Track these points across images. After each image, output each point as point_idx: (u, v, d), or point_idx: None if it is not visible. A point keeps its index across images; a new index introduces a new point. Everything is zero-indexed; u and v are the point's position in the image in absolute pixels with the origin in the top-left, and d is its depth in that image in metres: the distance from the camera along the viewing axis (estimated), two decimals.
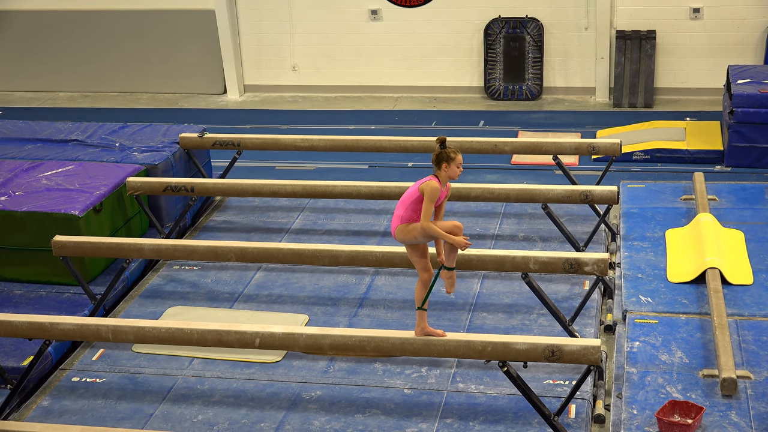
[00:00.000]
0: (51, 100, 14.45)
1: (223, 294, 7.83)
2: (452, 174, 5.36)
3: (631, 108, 12.85)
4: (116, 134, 9.57)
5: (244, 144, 9.39)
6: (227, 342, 6.00)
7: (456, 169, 5.36)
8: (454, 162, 5.35)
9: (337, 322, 7.28)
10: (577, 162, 10.78)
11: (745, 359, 6.17)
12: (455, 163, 5.35)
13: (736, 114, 10.30)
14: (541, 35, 13.16)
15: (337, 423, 6.12)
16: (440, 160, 5.36)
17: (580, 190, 7.99)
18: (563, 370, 6.49)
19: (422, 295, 5.54)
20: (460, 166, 5.36)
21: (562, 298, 7.44)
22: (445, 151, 5.35)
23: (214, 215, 9.38)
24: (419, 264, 5.50)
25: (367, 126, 12.48)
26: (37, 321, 6.15)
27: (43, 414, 6.37)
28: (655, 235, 8.01)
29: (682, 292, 7.08)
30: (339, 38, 13.80)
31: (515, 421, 6.03)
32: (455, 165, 5.35)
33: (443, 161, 5.35)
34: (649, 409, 5.69)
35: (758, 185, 8.94)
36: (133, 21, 14.27)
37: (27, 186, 8.19)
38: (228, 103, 14.00)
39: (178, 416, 6.28)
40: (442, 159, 5.35)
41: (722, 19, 12.77)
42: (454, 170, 5.36)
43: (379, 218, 9.08)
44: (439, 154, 5.36)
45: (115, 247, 7.36)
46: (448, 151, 5.35)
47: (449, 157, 5.34)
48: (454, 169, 5.36)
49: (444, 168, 5.35)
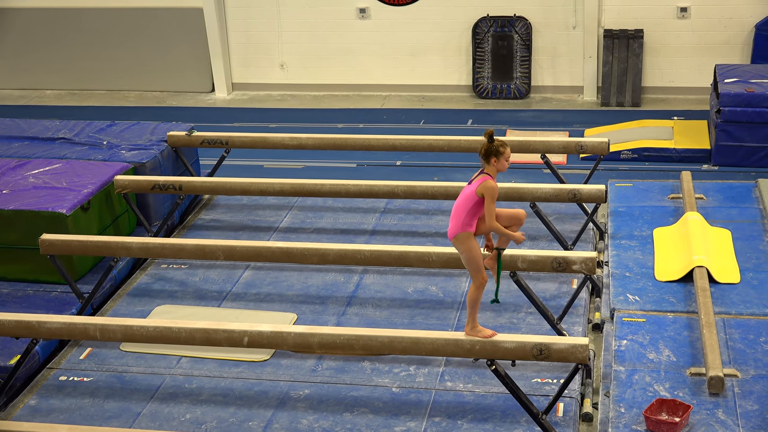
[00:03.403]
0: (38, 98, 14.40)
1: (212, 293, 7.82)
2: (501, 167, 5.35)
3: (619, 107, 12.88)
4: (104, 132, 9.54)
5: (232, 142, 9.37)
6: (215, 341, 5.99)
7: (505, 162, 5.36)
8: (503, 156, 5.34)
9: (326, 321, 7.28)
10: (565, 161, 10.79)
11: (732, 357, 6.19)
12: (504, 156, 5.34)
13: (723, 113, 10.34)
14: (529, 34, 13.17)
15: (326, 422, 6.12)
16: (489, 154, 5.34)
17: (568, 189, 8.00)
18: (551, 369, 6.51)
19: (478, 296, 5.49)
20: (509, 159, 5.37)
21: (550, 296, 7.45)
22: (494, 145, 5.33)
23: (203, 214, 9.37)
24: (474, 267, 5.45)
25: (356, 124, 12.48)
26: (24, 320, 6.12)
27: (30, 413, 6.35)
28: (643, 234, 8.03)
29: (670, 290, 7.10)
30: (327, 37, 13.79)
31: (503, 420, 6.04)
32: (504, 159, 5.35)
33: (492, 155, 5.33)
34: (636, 408, 5.71)
35: (745, 184, 8.97)
36: (121, 19, 14.23)
37: (14, 184, 8.16)
38: (216, 101, 13.97)
39: (166, 415, 6.27)
40: (491, 153, 5.33)
41: (709, 19, 12.82)
42: (503, 164, 5.36)
43: (367, 216, 9.08)
44: (489, 148, 5.34)
45: (103, 245, 7.35)
46: (497, 144, 5.34)
47: (498, 152, 5.33)
48: (503, 163, 5.35)
49: (493, 162, 5.34)
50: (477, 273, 5.47)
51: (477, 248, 5.43)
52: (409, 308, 7.42)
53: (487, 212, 5.33)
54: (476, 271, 5.47)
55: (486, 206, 5.33)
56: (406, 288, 7.75)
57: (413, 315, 7.33)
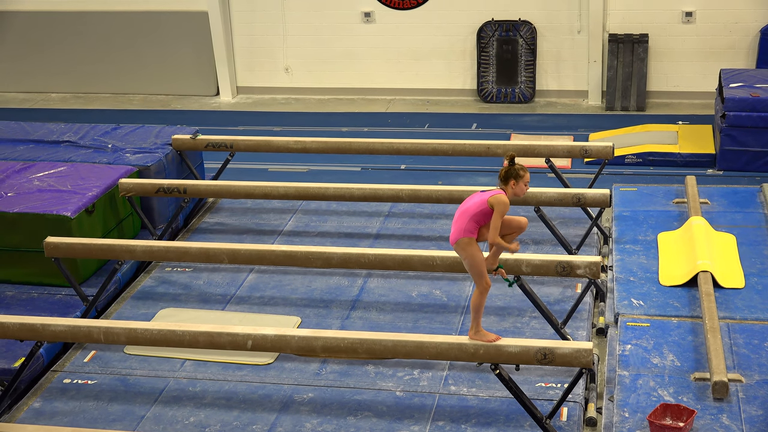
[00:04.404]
0: (43, 101, 14.43)
1: (216, 296, 7.82)
2: (518, 192, 5.37)
3: (624, 111, 12.87)
4: (109, 135, 9.55)
5: (236, 146, 9.38)
6: (219, 344, 5.99)
7: (524, 187, 5.37)
8: (522, 180, 5.36)
9: (330, 324, 7.28)
10: (569, 165, 10.79)
11: (737, 362, 6.18)
12: (523, 181, 5.36)
13: (728, 117, 10.33)
14: (534, 38, 13.17)
15: (329, 425, 6.12)
16: (509, 176, 5.36)
17: (573, 193, 8.00)
18: (555, 373, 6.50)
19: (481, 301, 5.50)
20: (527, 184, 5.38)
21: (554, 300, 7.44)
22: (514, 168, 5.35)
23: (207, 217, 9.37)
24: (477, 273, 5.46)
25: (360, 128, 12.48)
26: (28, 322, 6.13)
27: (34, 416, 6.35)
28: (647, 239, 8.02)
29: (674, 295, 7.09)
30: (332, 40, 13.81)
31: (507, 424, 6.03)
32: (523, 183, 5.36)
33: (512, 178, 5.35)
34: (640, 412, 5.70)
35: (750, 188, 8.96)
36: (126, 22, 14.26)
37: (19, 187, 8.17)
38: (221, 104, 13.99)
39: (170, 418, 6.27)
40: (510, 176, 5.35)
41: (714, 23, 12.81)
42: (521, 188, 5.37)
43: (371, 220, 9.08)
44: (508, 170, 5.35)
45: (107, 248, 7.35)
46: (517, 168, 5.36)
47: (518, 175, 5.35)
48: (522, 187, 5.37)
49: (512, 185, 5.36)
50: (480, 278, 5.47)
51: (479, 254, 5.43)
52: (413, 312, 7.42)
53: (492, 225, 5.34)
54: (479, 276, 5.46)
55: (493, 219, 5.33)
56: (410, 292, 7.74)
57: (417, 319, 7.33)
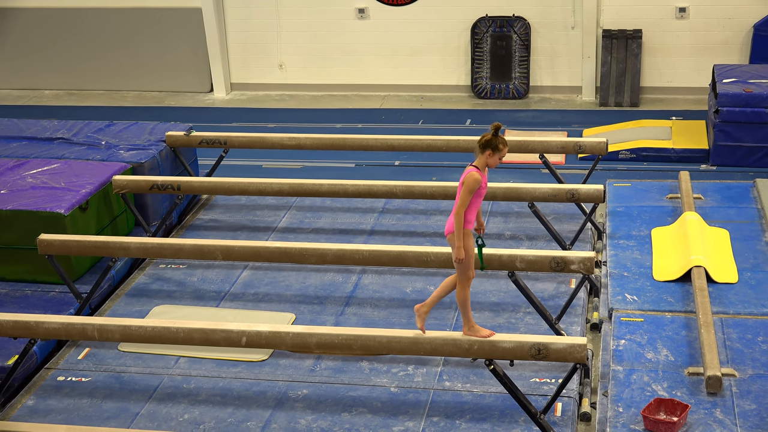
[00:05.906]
0: (37, 98, 14.40)
1: (210, 293, 7.82)
2: (491, 163, 5.32)
3: (618, 107, 12.88)
4: (102, 132, 9.54)
5: (230, 142, 9.37)
6: (214, 341, 5.99)
7: (497, 160, 5.32)
8: (499, 153, 5.31)
9: (324, 321, 7.28)
10: (563, 161, 10.80)
11: (730, 357, 6.19)
12: (499, 154, 5.31)
13: (722, 113, 10.34)
14: (528, 34, 13.17)
15: (324, 422, 6.12)
16: (488, 146, 5.30)
17: (567, 189, 8.00)
18: (549, 369, 6.51)
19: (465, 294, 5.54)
20: (502, 159, 5.34)
21: (548, 296, 7.45)
22: (495, 139, 5.30)
23: (201, 214, 9.36)
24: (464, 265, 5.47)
25: (354, 124, 12.47)
26: (22, 320, 6.12)
27: (28, 413, 6.35)
28: (641, 234, 8.03)
29: (668, 290, 7.10)
30: (326, 37, 13.79)
31: (501, 419, 6.04)
32: (498, 156, 5.31)
33: (489, 148, 5.30)
34: (634, 407, 5.71)
35: (743, 184, 8.97)
36: (120, 19, 14.23)
37: (12, 184, 8.16)
38: (215, 101, 13.97)
39: (164, 415, 6.27)
40: (489, 146, 5.30)
41: (708, 19, 12.82)
42: (495, 160, 5.32)
43: (365, 217, 9.08)
44: (489, 140, 5.30)
45: (101, 245, 7.34)
46: (498, 140, 5.30)
47: (497, 148, 5.30)
48: (495, 159, 5.32)
49: (488, 155, 5.31)
50: (466, 270, 5.48)
51: (470, 247, 5.43)
52: (407, 308, 7.42)
53: (459, 200, 5.32)
54: (467, 267, 5.47)
55: (461, 194, 5.31)
56: (404, 288, 7.75)
57: (411, 315, 7.30)
